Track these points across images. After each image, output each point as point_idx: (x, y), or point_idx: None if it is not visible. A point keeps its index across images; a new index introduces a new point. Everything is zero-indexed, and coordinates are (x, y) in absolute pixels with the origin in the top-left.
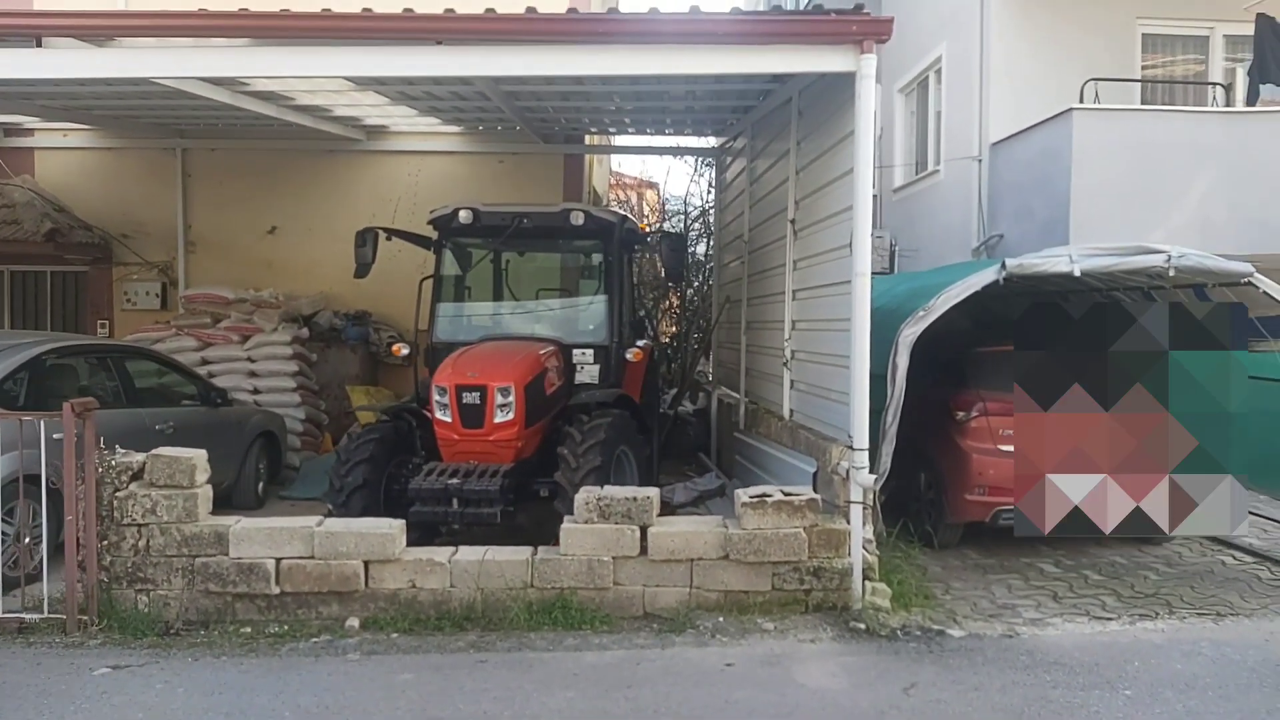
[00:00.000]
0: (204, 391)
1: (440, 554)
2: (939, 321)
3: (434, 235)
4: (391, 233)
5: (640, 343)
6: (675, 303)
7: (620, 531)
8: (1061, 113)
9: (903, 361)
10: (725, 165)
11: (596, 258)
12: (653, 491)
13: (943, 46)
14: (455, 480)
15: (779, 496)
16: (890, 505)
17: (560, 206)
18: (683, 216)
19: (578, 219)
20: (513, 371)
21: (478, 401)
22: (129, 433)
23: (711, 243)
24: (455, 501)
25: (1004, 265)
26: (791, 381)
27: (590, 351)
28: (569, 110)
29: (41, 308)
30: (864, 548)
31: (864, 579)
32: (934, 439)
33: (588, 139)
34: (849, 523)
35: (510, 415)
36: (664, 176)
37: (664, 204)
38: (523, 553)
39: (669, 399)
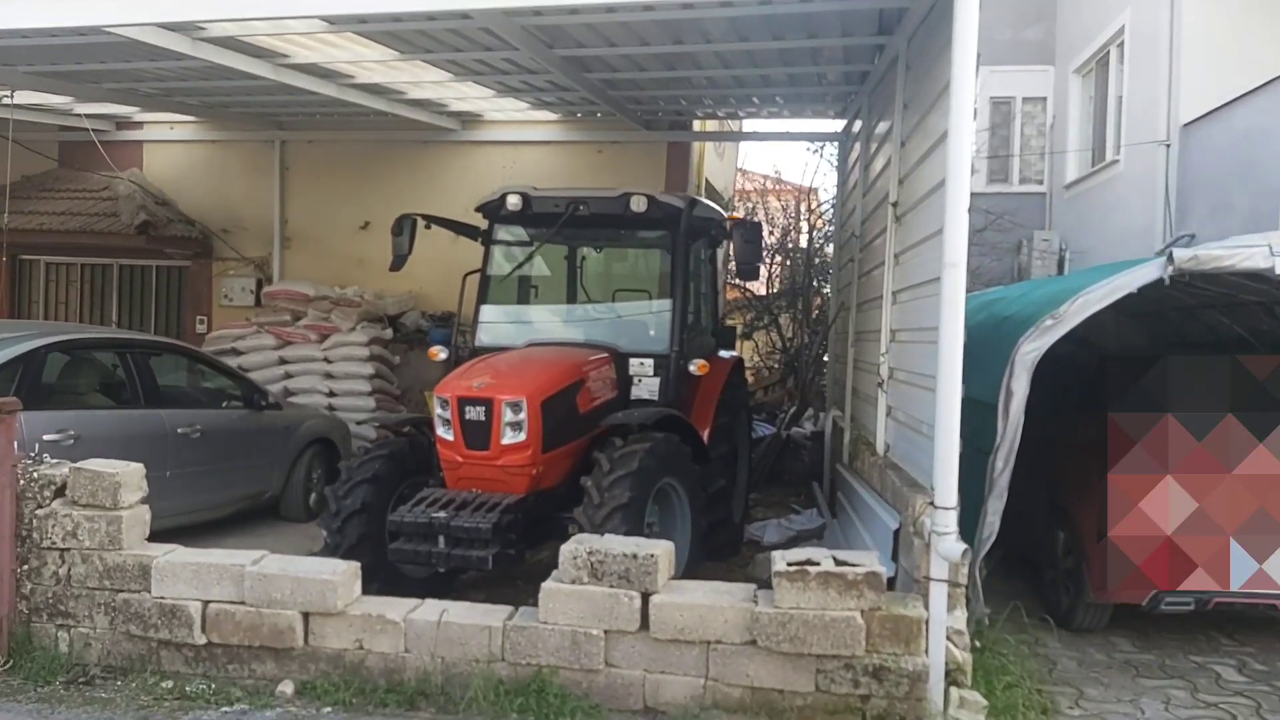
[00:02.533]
0: (248, 393)
1: (395, 609)
2: (1094, 338)
3: (482, 225)
4: (432, 220)
5: (725, 354)
6: (800, 310)
7: (615, 598)
8: (1272, 80)
9: (1020, 387)
10: (848, 151)
11: (663, 250)
12: (661, 547)
13: (1126, 15)
14: (442, 514)
15: (827, 566)
16: (1016, 567)
17: (621, 191)
18: (808, 213)
19: (639, 205)
20: (528, 384)
21: (482, 418)
22: (142, 436)
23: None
24: (442, 539)
25: (1171, 258)
26: (888, 408)
27: (650, 362)
28: (655, 86)
29: (146, 302)
30: (949, 640)
31: (948, 684)
32: (1077, 490)
33: (698, 126)
34: (927, 608)
35: (522, 436)
36: (803, 172)
37: (799, 200)
38: (494, 615)
39: (786, 418)
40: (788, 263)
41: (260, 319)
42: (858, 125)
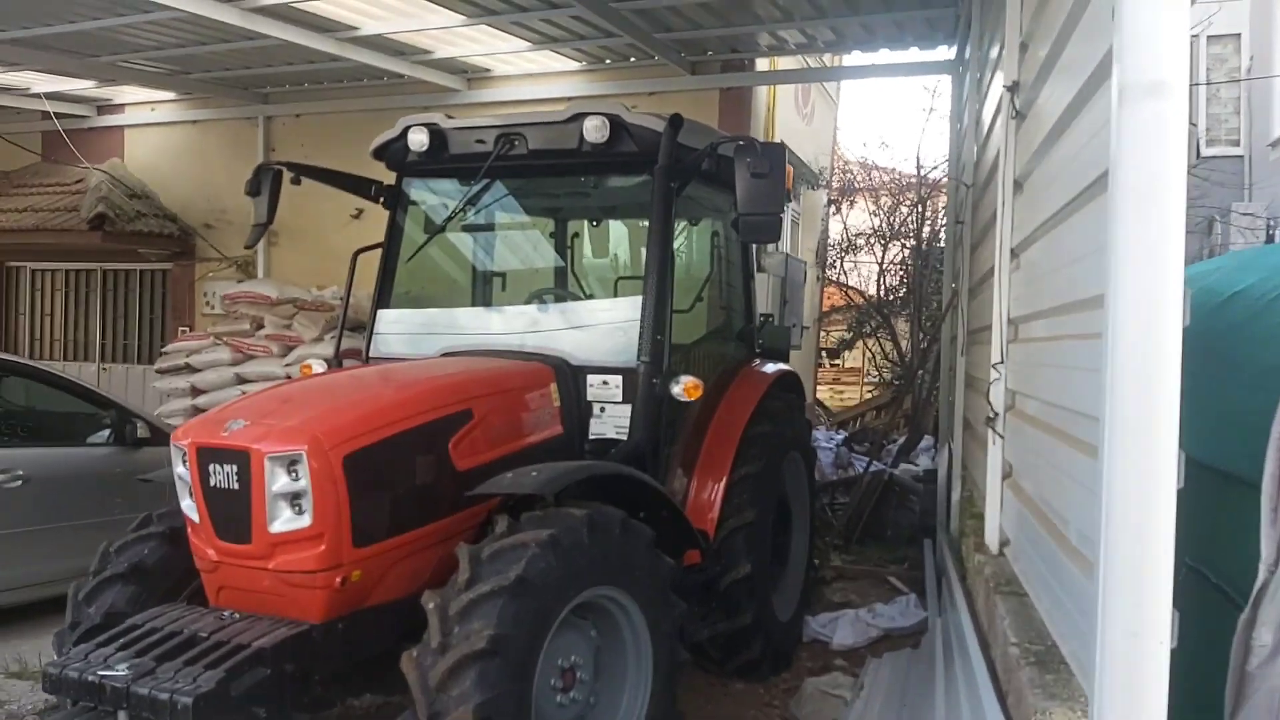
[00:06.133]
0: (118, 423)
1: None
2: None
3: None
4: (304, 172)
5: (769, 367)
6: (916, 310)
7: None
8: None
9: None
10: (961, 84)
11: (630, 199)
12: None
13: None
14: (125, 667)
15: None
16: None
17: (570, 112)
18: (924, 188)
19: (596, 131)
20: (321, 422)
21: (235, 485)
22: None
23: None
24: (123, 716)
25: None
26: (1006, 466)
27: (616, 380)
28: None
29: (130, 311)
30: None
31: None
32: None
33: (764, 65)
34: None
35: (305, 519)
36: (917, 144)
37: (916, 179)
38: None
39: (894, 450)
40: (904, 252)
41: (219, 329)
42: (970, 45)
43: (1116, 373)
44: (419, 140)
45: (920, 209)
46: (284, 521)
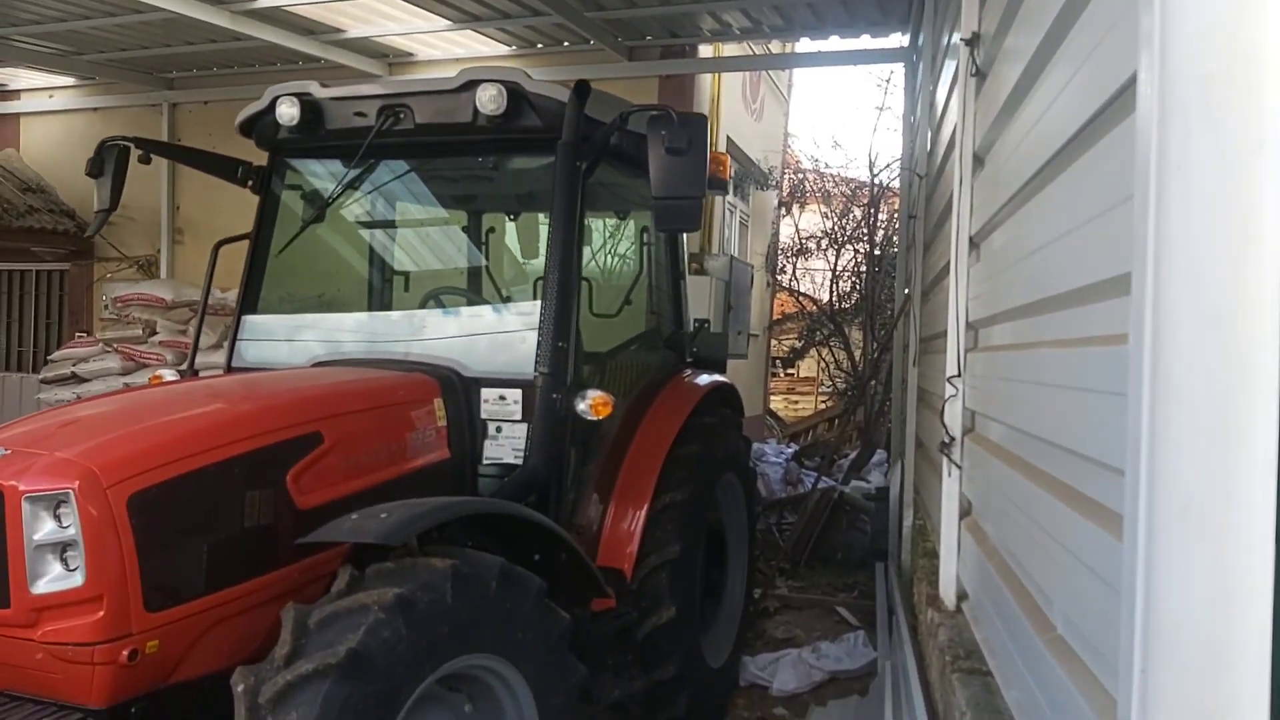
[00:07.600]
0: None
1: None
2: None
3: (259, 159)
4: (151, 147)
5: (703, 378)
6: (869, 318)
7: None
8: None
9: None
10: (915, 77)
11: (536, 185)
12: None
13: None
14: None
15: None
16: None
17: (462, 79)
18: (877, 189)
19: (492, 102)
20: (97, 454)
21: None
22: None
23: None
24: None
25: None
26: (964, 504)
27: (514, 395)
28: None
29: (27, 314)
30: None
31: None
32: None
33: (708, 53)
34: None
35: (76, 577)
36: (871, 137)
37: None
38: None
39: (845, 465)
40: (857, 257)
41: (109, 334)
42: (924, 31)
43: (1160, 402)
44: (289, 113)
45: (873, 211)
46: (51, 580)
